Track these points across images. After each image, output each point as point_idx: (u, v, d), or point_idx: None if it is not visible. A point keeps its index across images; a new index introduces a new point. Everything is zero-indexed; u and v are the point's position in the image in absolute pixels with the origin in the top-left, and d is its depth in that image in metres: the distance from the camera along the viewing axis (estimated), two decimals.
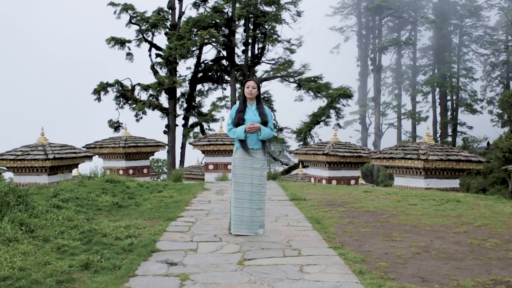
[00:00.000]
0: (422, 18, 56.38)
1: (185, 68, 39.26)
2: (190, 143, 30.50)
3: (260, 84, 6.88)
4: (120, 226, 6.91)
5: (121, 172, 18.95)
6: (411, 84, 58.77)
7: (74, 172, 18.72)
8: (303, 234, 6.59)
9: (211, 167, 21.28)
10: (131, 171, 19.16)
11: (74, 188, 10.09)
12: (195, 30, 35.15)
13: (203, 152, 21.97)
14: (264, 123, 6.68)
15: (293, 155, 21.41)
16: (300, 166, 29.27)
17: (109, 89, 37.55)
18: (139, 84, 38.03)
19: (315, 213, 8.16)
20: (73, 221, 7.07)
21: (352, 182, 18.10)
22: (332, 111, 33.44)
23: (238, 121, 6.66)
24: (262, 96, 29.40)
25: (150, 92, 38.13)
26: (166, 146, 27.20)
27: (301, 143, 34.00)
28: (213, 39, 34.90)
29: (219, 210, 8.52)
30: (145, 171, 19.98)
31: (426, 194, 10.45)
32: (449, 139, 53.69)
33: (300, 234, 6.60)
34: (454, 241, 6.12)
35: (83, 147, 19.58)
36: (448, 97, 56.31)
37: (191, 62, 38.88)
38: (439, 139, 52.68)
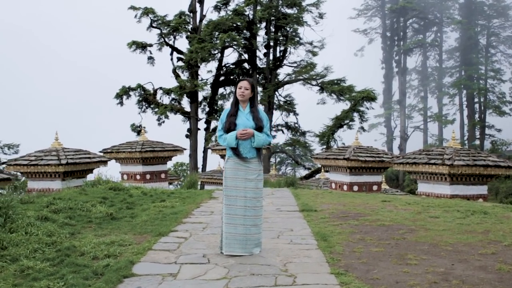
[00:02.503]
0: (448, 19, 54.83)
1: (206, 71, 38.66)
2: (208, 147, 29.99)
3: (255, 85, 6.10)
4: (104, 242, 6.23)
5: (138, 177, 18.42)
6: (437, 86, 57.18)
7: (90, 177, 18.27)
8: (305, 254, 5.80)
9: None
10: (148, 176, 18.60)
11: (73, 197, 9.50)
12: (216, 33, 34.64)
13: (222, 156, 21.42)
14: (259, 128, 5.90)
15: (314, 160, 20.60)
16: (322, 170, 28.39)
17: (131, 93, 37.28)
18: (161, 88, 37.74)
19: (323, 228, 7.35)
20: (53, 236, 6.42)
21: (375, 187, 17.25)
22: (355, 114, 32.52)
23: (229, 126, 5.88)
24: (284, 100, 28.93)
25: (172, 96, 37.79)
26: (186, 150, 26.67)
27: (324, 147, 33.14)
28: (234, 42, 34.33)
29: (219, 224, 7.74)
30: (162, 176, 19.39)
31: (450, 204, 9.52)
32: (477, 142, 52.03)
33: (301, 254, 5.80)
34: (480, 265, 5.25)
35: (100, 151, 19.14)
36: (476, 99, 54.61)
37: (213, 65, 38.55)
38: (466, 142, 51.11)
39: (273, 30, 35.77)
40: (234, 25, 34.86)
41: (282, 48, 36.14)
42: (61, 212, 8.05)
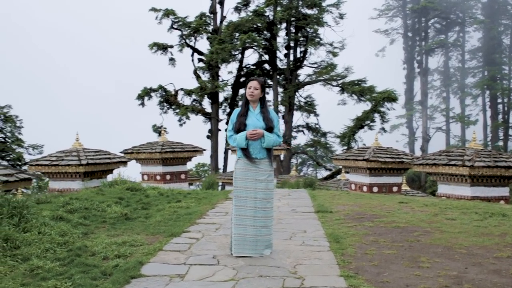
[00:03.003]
0: (470, 19, 54.04)
1: (227, 72, 38.74)
2: (228, 148, 30.01)
3: (265, 84, 6.05)
4: (115, 242, 6.25)
5: (158, 177, 18.50)
6: (459, 86, 56.35)
7: (110, 178, 18.41)
8: (316, 256, 5.73)
9: None
10: (168, 177, 18.66)
11: (90, 197, 9.58)
12: (237, 34, 34.69)
13: None
14: (269, 128, 5.84)
15: (333, 161, 20.46)
16: (343, 171, 28.21)
17: (152, 94, 37.54)
18: (182, 89, 37.90)
19: (337, 229, 7.27)
20: (66, 236, 6.46)
21: (395, 189, 17.05)
22: (376, 115, 32.24)
23: (239, 126, 5.84)
24: (305, 101, 28.85)
25: (193, 97, 37.93)
26: (207, 151, 26.74)
27: (345, 147, 32.93)
28: (254, 43, 34.34)
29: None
30: (182, 176, 19.44)
31: (469, 206, 9.34)
32: (500, 143, 51.12)
33: (312, 256, 5.74)
34: (494, 269, 5.12)
35: (121, 152, 19.28)
36: (499, 100, 53.67)
37: (234, 66, 38.59)
38: (489, 143, 50.25)
39: (293, 30, 35.68)
40: (254, 26, 34.85)
41: (302, 49, 36.05)
42: (76, 212, 8.12)
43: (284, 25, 35.77)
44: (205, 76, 37.83)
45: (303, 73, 36.94)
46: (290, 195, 11.86)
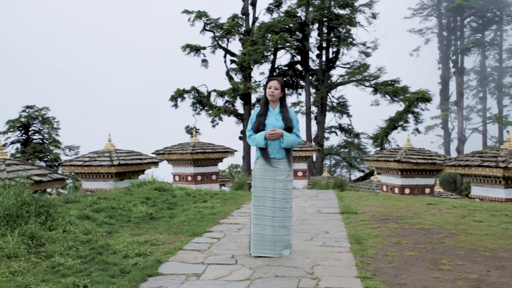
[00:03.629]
0: (508, 17, 52.60)
1: (259, 73, 38.83)
2: None
3: (284, 84, 6.03)
4: (137, 241, 6.34)
5: (189, 178, 18.65)
6: (497, 86, 54.92)
7: (142, 178, 18.65)
8: (335, 257, 5.68)
9: None
10: (199, 178, 18.79)
11: (118, 197, 9.72)
12: (269, 35, 34.71)
13: None
14: (288, 128, 5.82)
15: (365, 162, 20.26)
16: (375, 173, 27.91)
17: (185, 95, 37.88)
18: (214, 90, 38.11)
19: (360, 230, 7.19)
20: (90, 234, 6.58)
21: (427, 190, 16.76)
22: (410, 115, 31.74)
23: (258, 126, 5.83)
24: (337, 101, 28.59)
25: (226, 98, 38.11)
26: (237, 152, 26.84)
27: (378, 148, 32.56)
28: (286, 44, 34.29)
29: None
30: (213, 177, 19.56)
31: (499, 208, 9.10)
32: None
33: (332, 257, 5.69)
34: None
35: (153, 153, 19.54)
36: None
37: (266, 67, 38.60)
38: None
39: (326, 31, 35.49)
40: (286, 27, 34.81)
41: (334, 49, 35.81)
42: (103, 211, 8.25)
43: (316, 25, 35.62)
44: (237, 77, 38.00)
45: (336, 73, 36.75)
46: (318, 196, 11.79)
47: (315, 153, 24.79)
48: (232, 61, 37.93)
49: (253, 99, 38.65)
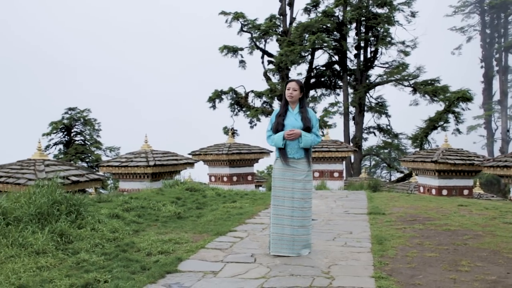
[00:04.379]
0: None
1: (296, 74, 38.73)
2: None
3: (303, 85, 6.07)
4: (162, 240, 6.51)
5: (225, 179, 18.83)
6: None
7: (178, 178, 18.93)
8: (354, 257, 5.69)
9: (316, 174, 20.70)
10: (235, 178, 18.95)
11: (149, 196, 9.95)
12: (306, 35, 34.66)
13: None
14: (307, 128, 5.87)
15: (402, 163, 20.00)
16: (413, 174, 27.48)
17: (223, 96, 38.21)
18: (252, 91, 38.30)
19: (385, 231, 7.16)
20: (117, 232, 6.78)
21: (465, 192, 16.43)
22: (450, 115, 31.10)
23: (277, 126, 5.91)
24: (375, 101, 28.19)
25: (264, 98, 38.24)
26: (273, 153, 26.88)
27: (418, 149, 32.02)
28: (324, 44, 34.16)
29: None
30: (249, 178, 19.68)
31: None
32: None
33: (350, 257, 5.70)
34: None
35: (189, 153, 19.82)
36: None
37: (303, 67, 38.54)
38: None
39: (364, 30, 35.16)
40: (324, 27, 34.67)
41: (373, 49, 35.44)
42: (133, 210, 8.47)
43: (354, 25, 35.35)
44: (275, 78, 38.08)
45: (374, 73, 36.31)
46: (348, 197, 11.75)
47: (351, 153, 24.59)
48: (270, 62, 38.04)
49: None
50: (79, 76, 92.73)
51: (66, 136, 37.75)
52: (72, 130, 37.87)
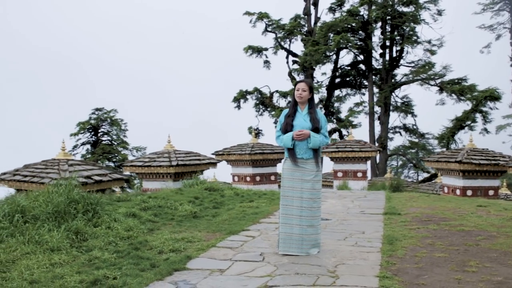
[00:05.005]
0: None
1: (321, 73, 38.64)
2: None
3: (312, 86, 6.11)
4: (174, 238, 6.62)
5: (248, 179, 18.92)
6: None
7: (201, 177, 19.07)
8: (362, 257, 5.71)
9: (340, 174, 20.68)
10: (258, 178, 19.03)
11: (168, 196, 10.09)
12: (331, 35, 34.53)
13: (332, 159, 21.42)
14: (316, 129, 5.91)
15: (425, 163, 19.80)
16: (439, 174, 27.14)
17: (248, 96, 38.32)
18: (277, 91, 38.32)
19: (397, 231, 7.14)
20: (131, 231, 6.92)
21: (491, 192, 16.20)
22: (478, 115, 30.57)
23: (286, 127, 5.96)
24: (401, 101, 27.89)
25: (289, 98, 38.21)
26: None
27: (444, 149, 31.60)
28: (349, 44, 33.98)
29: None
30: (272, 178, 19.74)
31: None
32: None
33: (359, 256, 5.72)
34: None
35: (212, 153, 19.96)
36: None
37: (328, 67, 38.38)
38: None
39: (389, 29, 34.84)
40: (349, 26, 34.48)
41: (398, 48, 35.07)
42: (150, 209, 8.61)
43: (379, 24, 35.06)
44: (299, 78, 38.01)
45: (400, 72, 35.92)
46: (366, 197, 11.72)
47: (375, 153, 24.44)
48: (294, 62, 38.02)
49: (316, 100, 38.57)
50: (108, 78, 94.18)
51: (93, 136, 38.38)
52: (99, 130, 38.47)
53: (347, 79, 38.04)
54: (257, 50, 37.56)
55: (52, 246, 5.87)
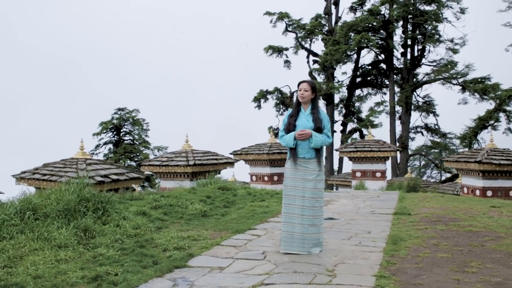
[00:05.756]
0: None
1: (341, 73, 38.49)
2: (336, 150, 29.84)
3: (315, 86, 6.13)
4: (180, 236, 6.71)
5: (266, 178, 18.99)
6: None
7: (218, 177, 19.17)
8: (364, 256, 5.72)
9: (358, 174, 20.61)
10: (275, 178, 19.08)
11: (180, 195, 10.20)
12: (352, 34, 34.37)
13: (350, 159, 21.36)
14: (318, 129, 5.94)
15: (445, 163, 19.59)
16: (460, 174, 26.79)
17: (268, 96, 38.37)
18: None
19: (404, 231, 7.12)
20: (139, 229, 7.03)
21: None
22: (501, 114, 30.12)
23: (289, 127, 6.01)
24: (423, 100, 27.73)
25: None
26: None
27: (466, 149, 31.19)
28: (369, 43, 33.78)
29: None
30: None
31: None
32: None
33: (360, 256, 5.73)
34: None
35: (231, 153, 20.07)
36: None
37: (349, 67, 38.25)
38: None
39: (411, 28, 34.53)
40: (369, 25, 34.28)
41: (420, 47, 34.74)
42: (161, 208, 8.72)
43: (400, 23, 34.76)
44: (320, 78, 37.95)
45: (421, 72, 35.56)
46: (379, 197, 11.67)
47: (394, 153, 24.27)
48: (315, 61, 37.97)
49: (337, 99, 38.44)
50: (133, 80, 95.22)
51: (116, 136, 38.86)
52: (121, 130, 38.93)
53: (368, 78, 37.85)
54: (278, 50, 37.62)
55: (60, 243, 6.01)
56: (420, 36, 34.27)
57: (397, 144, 33.64)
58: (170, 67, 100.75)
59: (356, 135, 37.93)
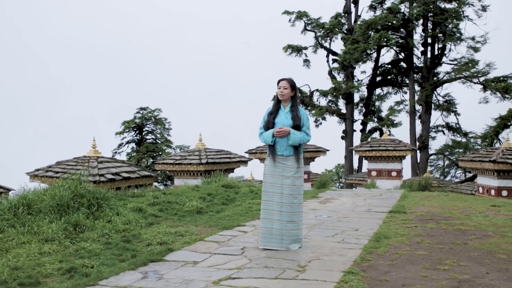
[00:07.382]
0: None
1: (361, 72, 38.21)
2: (351, 149, 29.68)
3: (295, 83, 6.17)
4: (168, 232, 6.84)
5: None
6: None
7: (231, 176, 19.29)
8: (341, 253, 5.74)
9: (373, 173, 20.53)
10: None
11: (183, 192, 10.34)
12: (371, 33, 34.11)
13: (366, 158, 21.29)
14: (296, 126, 5.99)
15: (460, 162, 19.37)
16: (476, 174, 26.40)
17: None
18: (317, 90, 38.18)
19: (392, 229, 7.11)
20: (129, 224, 7.18)
21: None
22: None
23: (268, 124, 6.07)
24: (443, 99, 27.37)
25: (329, 97, 38.02)
26: (330, 152, 26.74)
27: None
28: (389, 41, 33.48)
29: None
30: (305, 177, 19.71)
31: None
32: None
33: (338, 252, 5.76)
34: None
35: (246, 152, 20.18)
36: None
37: (369, 66, 38.01)
38: None
39: (431, 26, 34.08)
40: (389, 23, 33.98)
41: (440, 45, 34.26)
42: (158, 205, 8.86)
43: (420, 21, 34.35)
44: (339, 77, 37.78)
45: (442, 70, 35.05)
46: (381, 195, 11.63)
47: (410, 152, 24.05)
48: (334, 60, 37.79)
49: (356, 98, 38.21)
50: (157, 80, 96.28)
51: (138, 135, 39.37)
52: (144, 129, 39.41)
53: (388, 77, 37.51)
54: (297, 49, 37.55)
55: (47, 236, 6.19)
56: (440, 35, 33.79)
57: (417, 144, 33.28)
58: (200, 68, 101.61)
59: (376, 134, 37.62)
